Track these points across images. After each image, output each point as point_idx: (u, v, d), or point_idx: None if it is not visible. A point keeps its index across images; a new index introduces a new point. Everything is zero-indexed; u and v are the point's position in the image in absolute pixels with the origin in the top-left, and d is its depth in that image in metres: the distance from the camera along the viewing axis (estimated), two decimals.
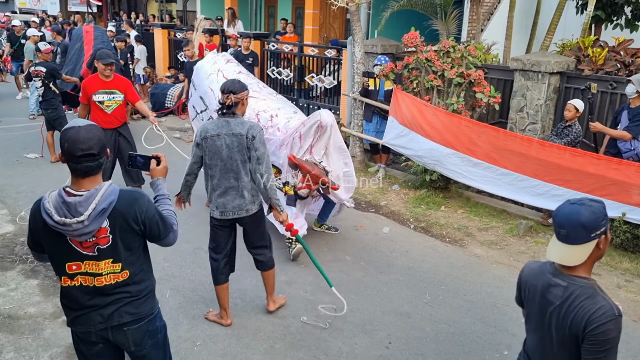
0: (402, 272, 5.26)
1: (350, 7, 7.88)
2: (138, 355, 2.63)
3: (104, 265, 2.39)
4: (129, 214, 2.37)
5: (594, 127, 5.97)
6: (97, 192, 2.29)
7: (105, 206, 2.29)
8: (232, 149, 3.80)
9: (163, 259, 5.18)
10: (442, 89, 7.19)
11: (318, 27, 14.06)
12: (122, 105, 6.32)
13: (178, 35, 13.92)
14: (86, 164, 2.29)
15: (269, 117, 5.36)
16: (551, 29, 9.62)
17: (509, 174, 6.10)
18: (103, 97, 6.16)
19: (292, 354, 3.96)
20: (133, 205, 2.39)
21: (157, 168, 2.73)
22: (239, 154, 3.82)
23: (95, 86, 6.12)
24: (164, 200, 2.67)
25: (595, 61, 7.00)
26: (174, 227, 2.58)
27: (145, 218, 2.42)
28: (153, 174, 2.73)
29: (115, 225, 2.35)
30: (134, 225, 2.39)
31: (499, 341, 4.21)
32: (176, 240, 2.62)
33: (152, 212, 2.45)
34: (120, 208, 2.35)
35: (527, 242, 6.01)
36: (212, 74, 5.78)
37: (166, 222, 2.52)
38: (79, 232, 2.27)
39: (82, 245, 2.35)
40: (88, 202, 2.26)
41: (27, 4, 26.12)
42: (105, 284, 2.42)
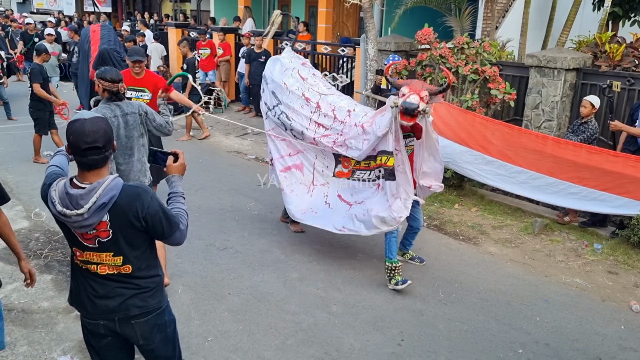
0: (415, 270, 5.21)
1: (363, 5, 7.85)
2: (147, 349, 2.63)
3: (105, 257, 2.40)
4: (130, 210, 2.33)
5: (615, 126, 5.86)
6: (99, 186, 2.27)
7: (106, 201, 2.27)
8: (128, 127, 4.12)
9: (175, 255, 5.19)
10: (457, 86, 7.12)
11: (331, 25, 14.05)
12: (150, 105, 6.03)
13: (192, 35, 13.97)
14: (91, 157, 2.28)
15: (346, 112, 5.18)
16: (567, 26, 9.50)
17: (523, 172, 6.02)
18: (131, 94, 6.10)
19: (303, 350, 3.94)
20: (135, 201, 2.34)
21: (173, 165, 2.69)
22: (135, 130, 4.17)
23: (127, 81, 6.00)
24: (177, 199, 2.63)
25: (612, 57, 6.89)
26: (181, 226, 2.50)
27: (147, 215, 2.36)
28: (169, 170, 2.69)
29: (115, 220, 2.33)
30: (134, 221, 2.35)
31: (513, 339, 4.15)
32: (184, 239, 2.55)
33: (154, 209, 2.38)
34: (122, 203, 2.32)
35: (543, 240, 5.93)
36: (288, 69, 5.70)
37: (171, 221, 2.44)
38: (78, 224, 2.28)
39: (83, 237, 2.36)
40: (89, 196, 2.25)
41: (44, 4, 26.42)
42: (108, 272, 2.43)
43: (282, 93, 5.56)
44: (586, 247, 5.75)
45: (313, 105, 5.33)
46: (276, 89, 5.64)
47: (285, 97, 5.52)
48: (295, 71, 5.66)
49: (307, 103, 5.37)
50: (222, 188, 7.27)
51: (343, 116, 5.17)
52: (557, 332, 4.27)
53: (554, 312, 4.55)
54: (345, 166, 5.33)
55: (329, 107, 5.27)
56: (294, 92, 5.46)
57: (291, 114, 5.45)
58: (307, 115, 5.35)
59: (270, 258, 5.35)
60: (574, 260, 5.52)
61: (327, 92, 5.48)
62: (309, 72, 5.78)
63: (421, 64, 7.41)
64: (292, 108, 5.44)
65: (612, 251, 5.62)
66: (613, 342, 4.19)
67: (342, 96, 5.60)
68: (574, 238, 5.97)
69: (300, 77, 5.58)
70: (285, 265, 5.21)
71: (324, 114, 5.27)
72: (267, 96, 5.77)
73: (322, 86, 5.58)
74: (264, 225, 6.13)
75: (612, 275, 5.23)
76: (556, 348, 4.07)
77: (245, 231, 5.95)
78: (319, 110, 5.30)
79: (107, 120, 2.40)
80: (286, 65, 5.72)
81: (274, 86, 5.67)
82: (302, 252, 5.50)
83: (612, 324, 4.42)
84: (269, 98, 5.73)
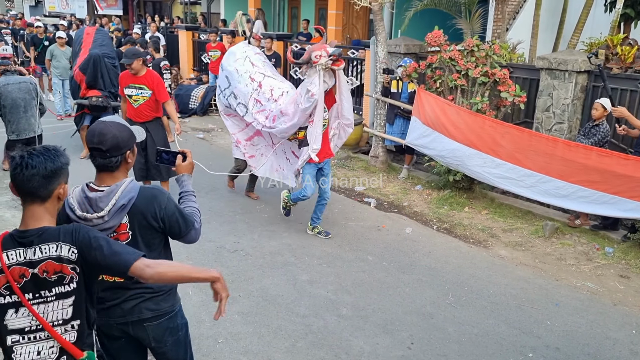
0: (425, 273, 5.22)
1: (373, 7, 7.86)
2: (159, 351, 2.66)
3: None
4: (148, 211, 2.39)
5: (620, 112, 5.79)
6: (117, 188, 2.32)
7: (125, 202, 2.32)
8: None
9: (186, 257, 5.23)
10: (466, 89, 7.11)
11: (341, 27, 14.06)
12: (150, 102, 6.36)
13: (202, 37, 14.06)
14: (97, 158, 2.34)
15: (280, 93, 5.99)
16: (578, 28, 9.46)
17: (532, 175, 5.99)
18: (132, 92, 6.33)
19: (313, 353, 3.96)
20: (152, 203, 2.40)
21: (182, 164, 2.72)
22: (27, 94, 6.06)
23: (127, 80, 6.35)
24: (189, 197, 2.67)
25: (624, 59, 6.84)
26: (196, 224, 2.55)
27: (165, 215, 2.42)
28: (179, 170, 2.73)
29: (134, 221, 2.38)
30: (152, 222, 2.40)
31: (524, 343, 4.14)
32: (199, 237, 2.60)
33: (171, 210, 2.44)
34: (140, 205, 2.37)
35: (553, 243, 5.91)
36: (239, 58, 6.40)
37: (187, 220, 2.50)
38: (99, 227, 2.30)
39: None
40: (108, 198, 2.30)
41: (56, 7, 26.68)
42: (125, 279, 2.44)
43: (233, 77, 6.35)
44: (597, 251, 5.72)
45: (256, 84, 6.14)
46: (230, 74, 6.41)
47: (234, 80, 6.32)
48: (248, 59, 6.42)
49: (251, 82, 6.18)
50: (232, 191, 7.31)
51: (277, 95, 5.98)
52: (568, 336, 4.25)
53: (565, 316, 4.53)
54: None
55: (268, 87, 6.07)
56: (242, 74, 6.26)
57: (237, 92, 6.26)
58: (249, 92, 6.13)
59: (280, 260, 5.38)
60: (585, 264, 5.49)
61: (270, 75, 6.32)
62: (260, 59, 6.57)
63: (431, 66, 7.41)
64: (238, 88, 6.25)
65: (624, 255, 5.59)
66: (624, 346, 4.17)
67: (285, 82, 6.45)
68: (585, 241, 5.94)
69: (250, 63, 6.39)
70: (295, 268, 5.23)
71: (262, 92, 6.07)
72: (221, 80, 6.61)
73: (268, 70, 6.42)
74: (274, 228, 6.16)
75: (624, 279, 5.20)
76: (567, 352, 4.05)
77: (255, 233, 5.98)
78: (260, 89, 6.10)
79: (124, 128, 2.40)
80: (239, 55, 6.47)
81: (228, 72, 6.46)
82: (312, 254, 5.52)
83: (624, 328, 4.39)
84: (222, 81, 6.57)
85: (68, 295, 2.00)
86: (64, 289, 1.99)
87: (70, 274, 1.98)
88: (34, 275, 1.94)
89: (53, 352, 2.03)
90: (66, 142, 9.32)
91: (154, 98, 6.36)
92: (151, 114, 6.44)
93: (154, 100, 6.37)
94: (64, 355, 2.05)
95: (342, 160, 8.69)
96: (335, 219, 6.48)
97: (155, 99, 6.38)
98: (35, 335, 2.00)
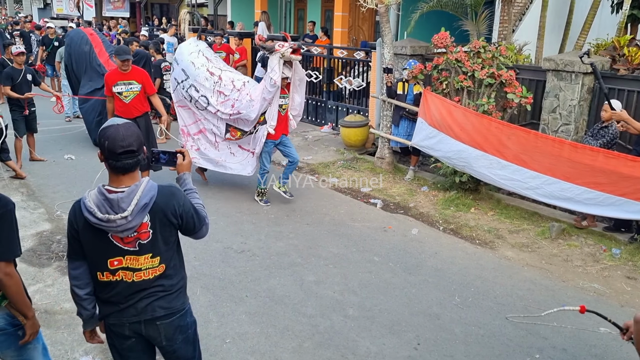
0: (431, 274, 5.23)
1: (379, 9, 7.88)
2: (169, 350, 2.69)
3: (143, 260, 2.45)
4: (168, 208, 2.44)
5: (618, 116, 5.75)
6: (137, 188, 2.35)
7: (147, 201, 2.36)
8: None
9: (194, 257, 5.26)
10: (473, 90, 7.12)
11: (347, 29, 14.09)
12: (140, 96, 6.75)
13: (209, 39, 14.11)
14: (126, 160, 2.35)
15: (242, 83, 6.73)
16: (585, 29, 9.44)
17: (538, 177, 5.98)
18: (121, 88, 6.66)
19: (320, 353, 3.98)
20: (171, 200, 2.46)
21: (183, 163, 2.76)
22: None
23: (115, 78, 6.67)
24: (193, 194, 2.72)
25: (631, 60, 6.84)
26: (206, 220, 2.64)
27: (183, 212, 2.49)
28: (179, 169, 2.76)
29: (155, 219, 2.42)
30: (172, 219, 2.46)
31: (530, 344, 4.15)
32: (208, 232, 2.69)
33: (188, 206, 2.53)
34: (160, 203, 2.42)
35: (560, 244, 5.91)
36: (193, 52, 7.07)
37: (200, 216, 2.59)
38: (122, 227, 2.33)
39: (124, 241, 2.41)
40: (130, 198, 2.33)
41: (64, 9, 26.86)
42: (144, 278, 2.48)
43: (190, 70, 6.91)
44: (604, 252, 5.71)
45: (216, 77, 6.79)
46: (186, 67, 6.96)
47: (192, 73, 6.89)
48: (201, 53, 7.08)
49: (211, 76, 6.80)
50: (239, 192, 7.35)
51: (239, 85, 6.68)
52: (575, 337, 4.25)
53: (572, 317, 4.53)
54: (232, 135, 6.94)
55: (229, 79, 6.77)
56: (199, 68, 6.86)
57: (198, 86, 6.82)
58: (211, 86, 6.76)
59: (287, 261, 5.40)
60: (592, 265, 5.48)
61: (225, 69, 7.05)
62: (211, 54, 7.28)
63: (437, 67, 7.42)
64: (198, 81, 6.82)
65: (631, 256, 5.58)
66: (632, 348, 4.13)
67: (238, 73, 7.23)
68: (592, 243, 5.93)
69: (205, 58, 7.05)
70: (302, 269, 5.26)
71: (224, 84, 6.73)
72: (178, 72, 7.10)
73: (221, 65, 7.16)
74: (281, 229, 6.19)
75: (631, 281, 5.19)
76: (574, 353, 4.06)
77: (262, 234, 6.01)
78: (220, 81, 6.77)
79: (135, 126, 2.48)
80: (192, 49, 7.12)
81: (183, 65, 7.01)
82: (318, 255, 5.54)
83: None
84: (179, 74, 7.06)
85: None
86: None
87: None
88: None
89: None
90: (74, 143, 9.40)
91: (143, 92, 6.77)
92: (142, 109, 6.83)
93: (143, 94, 6.79)
94: None
95: (348, 162, 8.71)
96: (341, 219, 6.50)
97: (144, 93, 6.79)
98: None
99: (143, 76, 6.84)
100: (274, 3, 16.55)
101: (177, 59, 7.21)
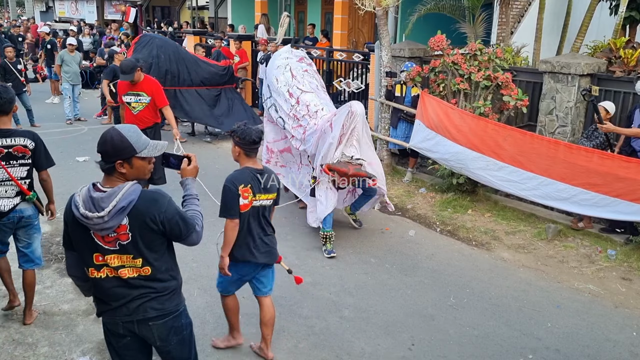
0: (427, 275, 5.26)
1: (377, 12, 7.93)
2: (164, 350, 2.72)
3: (125, 259, 2.50)
4: (148, 214, 2.45)
5: (606, 128, 5.82)
6: (119, 190, 2.40)
7: (125, 204, 2.39)
8: None
9: (191, 259, 5.30)
10: (469, 92, 7.15)
11: (347, 31, 14.14)
12: (149, 107, 6.43)
13: (210, 42, 14.18)
14: (101, 161, 2.47)
15: (315, 110, 6.04)
16: (582, 31, 9.47)
17: (534, 178, 6.02)
18: (130, 99, 6.41)
19: (315, 354, 4.02)
20: (152, 206, 2.47)
21: (187, 168, 2.80)
22: None
23: (125, 88, 6.43)
24: (192, 201, 2.74)
25: (627, 62, 6.86)
26: (197, 227, 2.62)
27: (164, 219, 2.48)
28: (183, 174, 2.81)
29: (134, 223, 2.45)
30: (152, 225, 2.47)
31: (524, 345, 4.18)
32: (200, 240, 2.66)
33: (171, 213, 2.50)
34: (140, 207, 2.44)
35: (556, 246, 5.93)
36: (280, 66, 6.42)
37: (188, 223, 2.56)
38: (99, 226, 2.39)
39: (104, 240, 2.46)
40: (110, 199, 2.38)
41: (65, 12, 26.99)
42: (129, 276, 2.52)
43: (273, 87, 6.41)
44: (600, 253, 5.74)
45: (293, 100, 6.16)
46: (270, 84, 6.48)
47: (274, 91, 6.40)
48: (288, 68, 6.38)
49: (289, 97, 6.20)
50: None
51: (312, 112, 6.03)
52: (568, 338, 4.28)
53: (566, 318, 4.56)
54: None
55: (305, 104, 6.11)
56: (281, 87, 6.29)
57: (278, 107, 6.34)
58: (288, 109, 6.21)
59: (284, 262, 5.42)
60: (587, 267, 5.51)
61: (308, 90, 6.25)
62: (301, 68, 6.46)
63: (434, 70, 7.47)
64: (278, 102, 6.33)
65: (626, 257, 5.60)
66: (625, 348, 4.19)
67: (321, 96, 6.38)
68: (588, 244, 5.95)
69: (290, 75, 6.33)
70: (299, 270, 5.27)
71: (299, 108, 6.12)
72: (265, 88, 6.68)
73: (306, 84, 6.31)
74: (278, 230, 6.14)
75: (626, 282, 5.22)
76: (567, 354, 4.08)
77: None
78: (297, 105, 6.14)
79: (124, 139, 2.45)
80: (280, 63, 6.48)
81: (269, 80, 6.53)
82: (315, 257, 5.58)
83: (625, 331, 4.42)
84: (265, 89, 6.64)
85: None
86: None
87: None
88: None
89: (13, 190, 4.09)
90: (74, 147, 9.45)
91: (152, 104, 6.42)
92: (151, 120, 6.51)
93: (152, 106, 6.44)
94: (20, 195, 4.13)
95: None
96: (338, 221, 6.54)
97: (154, 105, 6.44)
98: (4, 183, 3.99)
99: (154, 87, 6.46)
100: (274, 6, 16.61)
101: (266, 72, 6.73)
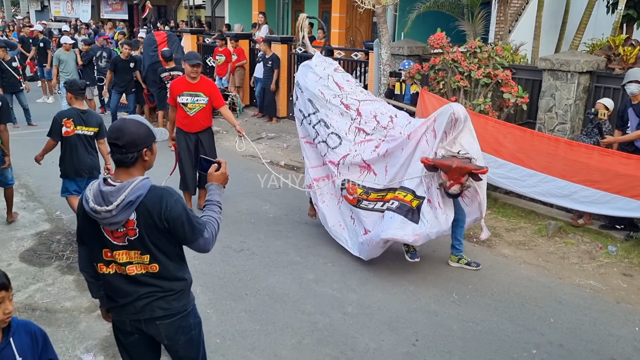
0: (429, 271, 5.27)
1: (376, 10, 7.93)
2: (172, 349, 2.70)
3: (133, 255, 2.47)
4: (154, 210, 2.40)
5: (607, 141, 5.90)
6: (128, 185, 2.38)
7: (133, 199, 2.36)
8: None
9: (193, 256, 5.23)
10: (469, 90, 7.17)
11: (344, 30, 14.14)
12: (206, 110, 6.16)
13: (207, 41, 14.16)
14: (114, 153, 2.43)
15: (389, 118, 5.41)
16: (581, 29, 9.50)
17: (535, 175, 6.04)
18: (187, 99, 6.05)
19: (319, 350, 4.02)
20: (158, 202, 2.41)
21: (214, 173, 2.71)
22: None
23: (181, 87, 6.09)
24: (211, 207, 2.64)
25: (626, 60, 6.90)
26: (205, 233, 2.49)
27: (169, 217, 2.41)
28: (209, 179, 2.72)
29: (141, 219, 2.41)
30: (157, 222, 2.41)
31: (527, 340, 4.19)
32: (209, 247, 2.54)
33: (177, 212, 2.42)
34: (147, 203, 2.40)
35: (556, 242, 5.95)
36: (322, 77, 5.79)
37: (194, 226, 2.46)
38: (107, 220, 2.37)
39: (113, 235, 2.44)
40: (118, 193, 2.36)
41: (61, 12, 26.88)
42: (136, 272, 2.48)
43: (319, 102, 5.69)
44: (600, 250, 5.76)
45: (353, 112, 5.53)
46: (313, 97, 5.74)
47: (323, 106, 5.66)
48: (331, 79, 5.76)
49: (347, 110, 5.55)
50: (238, 191, 7.38)
51: (386, 122, 5.36)
52: (571, 333, 4.30)
53: (568, 313, 4.58)
54: (350, 192, 5.41)
55: (370, 114, 5.46)
56: (331, 101, 5.62)
57: (330, 121, 5.59)
58: (347, 123, 5.52)
59: (286, 260, 5.44)
60: (588, 263, 5.53)
61: (364, 99, 5.67)
62: (343, 78, 5.88)
63: (434, 68, 7.47)
64: (329, 116, 5.60)
65: (627, 253, 5.63)
66: (627, 342, 4.21)
67: (376, 101, 5.78)
68: (588, 240, 5.98)
69: (336, 86, 5.71)
70: (301, 267, 5.29)
71: (364, 120, 5.46)
72: (302, 103, 5.86)
73: (359, 93, 5.76)
74: (280, 228, 6.22)
75: (627, 278, 5.24)
76: (570, 349, 4.10)
77: (261, 233, 6.05)
78: (360, 117, 5.49)
79: (142, 125, 2.46)
80: (320, 74, 5.82)
81: (309, 94, 5.77)
82: (317, 253, 5.58)
83: (627, 325, 4.43)
84: (304, 105, 5.82)
85: None
86: None
87: None
88: None
89: None
90: None
91: (209, 105, 6.14)
92: (205, 123, 6.24)
93: (209, 107, 6.16)
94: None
95: None
96: None
97: (210, 107, 6.16)
98: None
99: (211, 88, 6.14)
100: (272, 4, 16.57)
101: (300, 85, 5.90)
